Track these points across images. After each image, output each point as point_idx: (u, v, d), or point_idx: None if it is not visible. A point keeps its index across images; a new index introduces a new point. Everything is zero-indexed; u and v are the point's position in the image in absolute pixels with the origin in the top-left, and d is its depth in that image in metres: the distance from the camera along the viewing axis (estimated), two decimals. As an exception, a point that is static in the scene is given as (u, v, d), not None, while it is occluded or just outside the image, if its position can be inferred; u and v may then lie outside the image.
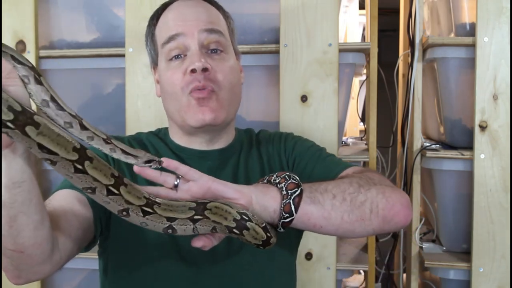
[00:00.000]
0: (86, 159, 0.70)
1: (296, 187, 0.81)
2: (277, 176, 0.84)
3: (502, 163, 1.50)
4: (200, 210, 0.76)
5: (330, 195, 0.83)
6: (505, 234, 1.50)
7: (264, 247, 0.79)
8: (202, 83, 0.95)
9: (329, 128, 1.49)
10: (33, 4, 1.61)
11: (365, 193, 0.85)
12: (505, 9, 1.48)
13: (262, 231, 0.77)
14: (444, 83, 1.60)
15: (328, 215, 0.82)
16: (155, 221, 0.76)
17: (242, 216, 0.76)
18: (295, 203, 0.80)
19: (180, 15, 1.00)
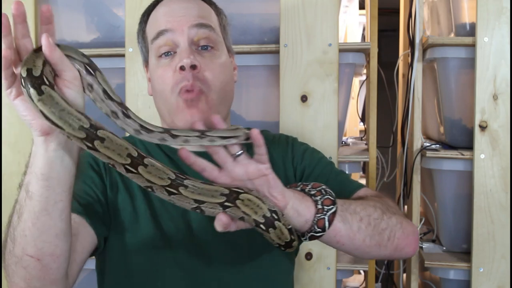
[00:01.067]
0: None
1: (332, 204, 0.82)
2: (312, 187, 0.85)
3: (502, 163, 1.50)
4: (232, 198, 0.76)
5: (358, 217, 0.85)
6: (505, 234, 1.50)
7: (285, 248, 0.80)
8: (191, 83, 0.93)
9: (329, 128, 1.49)
10: (33, 4, 1.61)
11: (387, 220, 0.88)
12: (505, 9, 1.48)
13: (288, 232, 0.78)
14: (444, 83, 1.60)
15: (353, 236, 0.84)
16: (182, 200, 0.77)
17: (272, 214, 0.76)
18: (329, 220, 0.81)
19: (169, 11, 0.98)
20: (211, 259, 0.95)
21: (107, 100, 0.79)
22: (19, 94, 0.70)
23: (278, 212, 0.77)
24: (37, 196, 0.73)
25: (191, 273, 0.95)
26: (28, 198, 0.74)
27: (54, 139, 0.72)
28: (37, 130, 0.71)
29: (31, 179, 0.74)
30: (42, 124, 0.70)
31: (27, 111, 0.71)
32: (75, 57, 0.74)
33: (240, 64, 1.55)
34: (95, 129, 0.73)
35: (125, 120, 0.79)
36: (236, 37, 1.58)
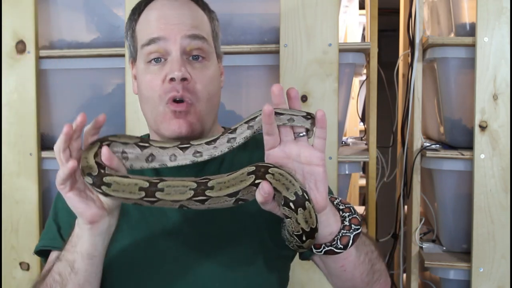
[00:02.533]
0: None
1: (359, 225, 0.80)
2: (341, 201, 0.84)
3: (502, 163, 1.50)
4: (261, 173, 0.74)
5: (366, 250, 0.86)
6: (505, 234, 1.50)
7: (307, 238, 0.76)
8: (181, 93, 0.92)
9: (329, 128, 1.48)
10: (33, 4, 1.61)
11: (381, 263, 0.90)
12: (505, 9, 1.48)
13: (315, 217, 0.74)
14: (444, 83, 1.60)
15: (358, 266, 0.85)
16: (219, 202, 0.76)
17: (304, 194, 0.73)
18: (354, 239, 0.80)
19: (163, 17, 0.95)
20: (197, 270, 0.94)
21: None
22: (71, 189, 0.79)
23: (309, 194, 0.74)
24: (82, 272, 0.84)
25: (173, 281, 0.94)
26: (74, 274, 0.84)
27: (98, 226, 0.82)
28: (86, 220, 0.80)
29: (76, 258, 0.83)
30: (92, 215, 0.80)
31: (80, 203, 0.80)
32: (128, 142, 0.84)
33: (240, 64, 1.55)
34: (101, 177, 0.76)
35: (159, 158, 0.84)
36: (236, 37, 1.58)
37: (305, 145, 0.76)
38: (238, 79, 1.60)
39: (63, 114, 1.71)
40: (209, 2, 1.06)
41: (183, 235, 0.96)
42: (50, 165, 1.66)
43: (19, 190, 1.64)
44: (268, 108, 0.73)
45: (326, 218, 0.78)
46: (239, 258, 0.95)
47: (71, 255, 0.84)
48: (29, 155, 1.63)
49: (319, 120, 0.74)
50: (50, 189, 1.71)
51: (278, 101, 0.77)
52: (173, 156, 0.83)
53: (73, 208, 0.80)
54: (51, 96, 1.70)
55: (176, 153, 0.83)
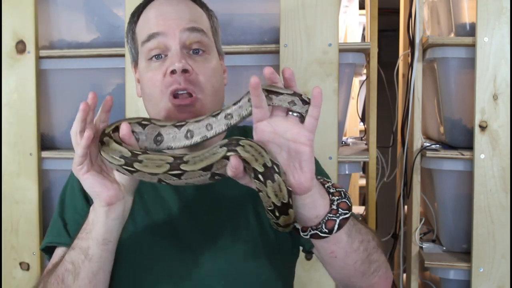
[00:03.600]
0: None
1: (348, 210, 0.78)
2: (332, 185, 0.82)
3: (502, 163, 1.50)
4: (232, 145, 0.72)
5: (360, 238, 0.83)
6: (505, 234, 1.50)
7: (280, 214, 0.74)
8: (183, 85, 0.91)
9: (329, 128, 1.49)
10: (33, 4, 1.62)
11: (379, 254, 0.87)
12: (505, 9, 1.48)
13: (287, 192, 0.72)
14: (444, 83, 1.60)
15: (350, 253, 0.82)
16: (194, 176, 0.75)
17: (274, 166, 0.71)
18: (340, 224, 0.77)
19: (161, 13, 0.96)
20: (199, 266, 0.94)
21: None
22: (88, 170, 0.79)
23: (280, 167, 0.72)
24: (96, 258, 0.83)
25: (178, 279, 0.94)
26: (87, 260, 0.83)
27: (115, 209, 0.82)
28: (104, 201, 0.80)
29: (91, 244, 0.83)
30: (110, 196, 0.80)
31: (98, 184, 0.80)
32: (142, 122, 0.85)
33: (240, 64, 1.55)
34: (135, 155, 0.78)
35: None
36: (236, 37, 1.58)
37: (295, 122, 0.74)
38: (238, 79, 1.60)
39: (63, 114, 1.71)
40: (209, 2, 1.06)
41: (187, 232, 0.96)
42: (50, 165, 1.67)
43: (19, 190, 1.64)
44: (254, 80, 0.71)
45: (312, 200, 0.76)
46: (242, 254, 0.95)
47: (85, 242, 0.83)
48: (29, 155, 1.63)
49: (315, 96, 0.72)
50: (50, 189, 1.71)
51: (272, 82, 0.76)
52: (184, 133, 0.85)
53: (90, 190, 0.80)
54: (51, 96, 1.70)
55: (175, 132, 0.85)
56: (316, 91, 0.72)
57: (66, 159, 1.63)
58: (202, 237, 0.95)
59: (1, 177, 1.65)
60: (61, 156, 1.64)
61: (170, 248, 0.95)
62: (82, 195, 1.01)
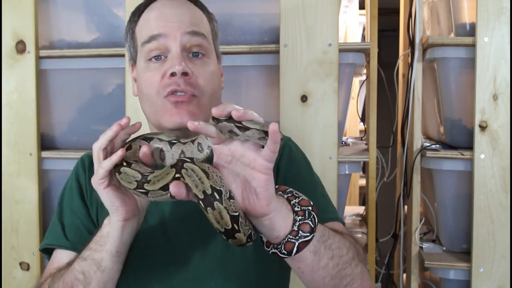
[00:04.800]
0: None
1: (310, 232, 0.75)
2: (299, 203, 0.78)
3: (502, 163, 1.50)
4: (178, 167, 0.72)
5: (330, 254, 0.80)
6: (505, 234, 1.50)
7: (227, 237, 0.72)
8: (182, 87, 0.92)
9: (329, 128, 1.49)
10: (33, 4, 1.62)
11: (353, 267, 0.84)
12: (505, 9, 1.48)
13: (229, 218, 0.70)
14: (444, 83, 1.60)
15: (316, 270, 0.80)
16: (158, 196, 0.76)
17: (214, 193, 0.69)
18: (299, 247, 0.75)
19: (162, 15, 0.97)
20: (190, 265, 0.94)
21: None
22: (109, 184, 0.80)
23: (223, 192, 0.70)
24: (109, 269, 0.85)
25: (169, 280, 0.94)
26: (100, 272, 0.85)
27: (130, 224, 0.84)
28: (121, 216, 0.82)
29: (104, 257, 0.85)
30: (127, 211, 0.82)
31: (117, 199, 0.81)
32: (162, 138, 0.87)
33: (240, 64, 1.55)
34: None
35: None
36: (236, 37, 1.58)
37: (252, 148, 0.71)
38: (238, 79, 1.60)
39: (63, 114, 1.71)
40: (209, 2, 1.07)
41: (177, 232, 0.97)
42: (50, 165, 1.67)
43: (19, 190, 1.64)
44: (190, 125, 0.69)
45: (270, 223, 0.74)
46: (232, 255, 0.95)
47: (98, 254, 0.85)
48: (29, 155, 1.63)
49: (271, 134, 0.67)
50: (50, 189, 1.71)
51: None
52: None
53: (109, 204, 0.81)
54: (51, 96, 1.70)
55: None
56: (272, 129, 0.66)
57: (66, 159, 1.63)
58: (192, 238, 0.96)
59: (1, 177, 1.65)
60: (61, 156, 1.64)
61: (160, 248, 0.96)
62: (79, 196, 1.02)
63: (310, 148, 1.48)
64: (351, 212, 2.24)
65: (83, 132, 1.70)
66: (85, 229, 1.01)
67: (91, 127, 1.70)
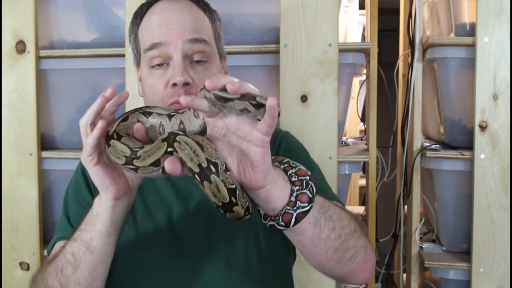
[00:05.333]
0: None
1: (308, 202, 0.73)
2: (296, 172, 0.75)
3: (502, 163, 1.50)
4: (171, 141, 0.69)
5: (332, 225, 0.78)
6: (505, 234, 1.50)
7: (224, 212, 0.70)
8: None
9: (329, 128, 1.49)
10: (33, 4, 1.62)
11: (356, 239, 0.82)
12: (505, 9, 1.48)
13: (226, 191, 0.68)
14: (444, 83, 1.60)
15: (318, 242, 0.78)
16: (149, 172, 0.73)
17: (210, 166, 0.67)
18: (297, 218, 0.73)
19: (164, 21, 0.96)
20: (195, 260, 0.95)
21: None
22: (98, 161, 0.78)
23: (219, 165, 0.68)
24: (98, 250, 0.83)
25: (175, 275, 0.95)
26: (89, 253, 0.83)
27: (121, 203, 0.81)
28: (112, 194, 0.79)
29: (94, 236, 0.83)
30: (118, 190, 0.79)
31: (107, 177, 0.78)
32: (161, 112, 0.83)
33: (240, 64, 1.55)
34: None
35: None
36: (236, 37, 1.58)
37: (248, 121, 0.68)
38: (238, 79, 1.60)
39: (63, 114, 1.71)
40: (210, 3, 1.06)
41: (183, 229, 0.97)
42: (50, 165, 1.67)
43: (19, 190, 1.64)
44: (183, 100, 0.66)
45: (266, 195, 0.72)
46: (236, 249, 0.96)
47: (88, 234, 0.83)
48: (29, 155, 1.63)
49: (269, 108, 0.65)
50: (50, 189, 1.71)
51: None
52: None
53: (99, 182, 0.79)
54: (51, 96, 1.70)
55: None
56: (270, 104, 0.65)
57: (66, 159, 1.64)
58: (197, 233, 0.96)
59: (1, 177, 1.65)
60: (61, 156, 1.64)
61: (167, 243, 0.97)
62: (86, 188, 1.02)
63: (310, 148, 1.48)
64: (351, 212, 2.24)
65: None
66: None
67: (91, 127, 1.70)
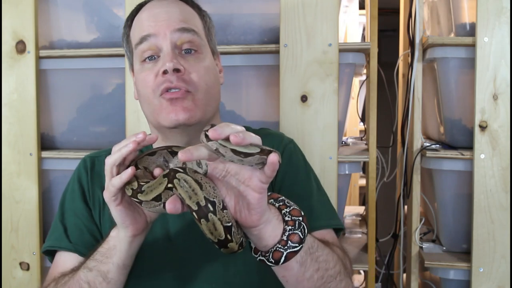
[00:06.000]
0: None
1: (298, 243, 0.75)
2: (289, 213, 0.78)
3: (502, 163, 1.50)
4: (171, 177, 0.71)
5: (316, 267, 0.80)
6: (505, 234, 1.50)
7: (219, 247, 0.72)
8: (175, 84, 0.92)
9: (329, 128, 1.49)
10: (33, 4, 1.61)
11: (338, 282, 0.84)
12: (505, 9, 1.48)
13: (223, 230, 0.70)
14: (444, 83, 1.60)
15: (301, 280, 0.80)
16: (151, 206, 0.75)
17: (208, 205, 0.69)
18: (286, 257, 0.75)
19: (152, 15, 0.97)
20: (192, 267, 0.95)
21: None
22: (121, 202, 0.78)
23: (217, 204, 0.70)
24: (114, 281, 0.86)
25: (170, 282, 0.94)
26: (106, 283, 0.85)
27: (139, 239, 0.83)
28: (131, 232, 0.81)
29: (111, 269, 0.85)
30: (138, 228, 0.81)
31: (128, 217, 0.79)
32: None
33: (240, 64, 1.56)
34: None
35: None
36: (236, 37, 1.58)
37: (248, 167, 0.70)
38: (238, 79, 1.60)
39: (63, 114, 1.71)
40: (209, 2, 1.07)
41: (179, 234, 0.97)
42: (50, 165, 1.67)
43: (19, 190, 1.64)
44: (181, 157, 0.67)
45: (259, 233, 0.74)
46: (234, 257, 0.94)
47: (105, 266, 0.85)
48: (29, 155, 1.63)
49: (270, 164, 0.67)
50: (50, 189, 1.71)
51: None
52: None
53: (120, 221, 0.80)
54: (51, 96, 1.70)
55: None
56: (271, 160, 0.66)
57: (66, 159, 1.63)
58: (194, 240, 0.96)
59: (1, 177, 1.65)
60: (61, 156, 1.64)
61: (163, 250, 0.96)
62: (82, 198, 1.02)
63: (310, 148, 1.48)
64: (351, 212, 2.24)
65: (83, 132, 1.71)
66: (87, 231, 1.01)
67: (91, 127, 1.70)
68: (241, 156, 0.67)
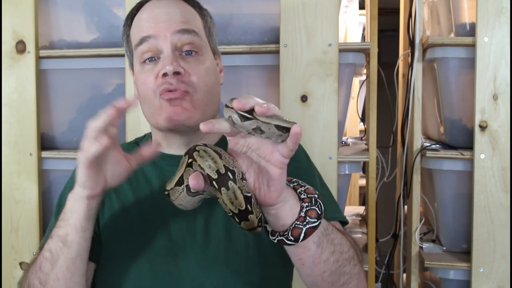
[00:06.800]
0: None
1: (316, 219, 0.76)
2: (305, 191, 0.78)
3: (502, 163, 1.50)
4: (191, 152, 0.71)
5: (332, 248, 0.81)
6: (505, 234, 1.50)
7: (240, 220, 0.71)
8: (174, 86, 0.92)
9: (329, 128, 1.49)
10: (33, 4, 1.61)
11: (352, 266, 0.86)
12: (505, 9, 1.48)
13: (243, 199, 0.69)
14: (444, 83, 1.60)
15: (317, 263, 0.80)
16: (175, 194, 0.77)
17: (228, 173, 0.68)
18: (306, 233, 0.75)
19: (152, 16, 0.97)
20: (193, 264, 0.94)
21: None
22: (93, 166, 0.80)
23: (236, 173, 0.69)
24: (75, 245, 0.85)
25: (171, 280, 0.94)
26: (66, 247, 0.85)
27: (96, 200, 0.84)
28: (88, 194, 0.82)
29: (69, 231, 0.84)
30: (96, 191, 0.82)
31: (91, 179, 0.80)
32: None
33: (240, 64, 1.56)
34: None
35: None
36: (236, 37, 1.58)
37: (269, 140, 0.70)
38: (238, 79, 1.60)
39: (63, 114, 1.71)
40: (209, 2, 1.06)
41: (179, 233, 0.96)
42: (50, 165, 1.67)
43: (19, 190, 1.64)
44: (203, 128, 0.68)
45: (277, 212, 0.74)
46: (236, 253, 0.95)
47: (63, 230, 0.85)
48: (29, 155, 1.63)
49: (293, 135, 0.67)
50: (50, 189, 1.71)
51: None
52: None
53: (82, 180, 0.80)
54: (51, 96, 1.70)
55: None
56: (294, 132, 0.66)
57: (66, 159, 1.63)
58: (195, 236, 0.95)
59: (1, 177, 1.65)
60: (61, 156, 1.64)
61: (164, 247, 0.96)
62: None
63: (310, 148, 1.48)
64: (351, 212, 2.24)
65: (83, 132, 1.70)
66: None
67: (91, 127, 1.70)
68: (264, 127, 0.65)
